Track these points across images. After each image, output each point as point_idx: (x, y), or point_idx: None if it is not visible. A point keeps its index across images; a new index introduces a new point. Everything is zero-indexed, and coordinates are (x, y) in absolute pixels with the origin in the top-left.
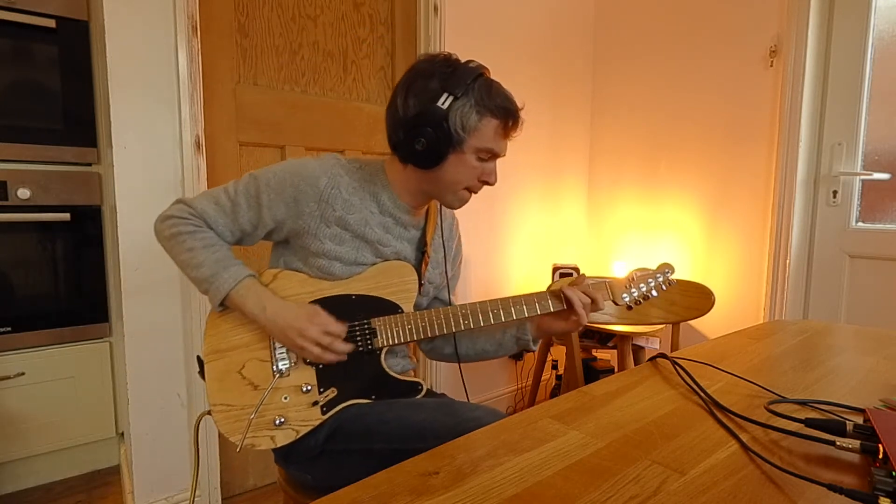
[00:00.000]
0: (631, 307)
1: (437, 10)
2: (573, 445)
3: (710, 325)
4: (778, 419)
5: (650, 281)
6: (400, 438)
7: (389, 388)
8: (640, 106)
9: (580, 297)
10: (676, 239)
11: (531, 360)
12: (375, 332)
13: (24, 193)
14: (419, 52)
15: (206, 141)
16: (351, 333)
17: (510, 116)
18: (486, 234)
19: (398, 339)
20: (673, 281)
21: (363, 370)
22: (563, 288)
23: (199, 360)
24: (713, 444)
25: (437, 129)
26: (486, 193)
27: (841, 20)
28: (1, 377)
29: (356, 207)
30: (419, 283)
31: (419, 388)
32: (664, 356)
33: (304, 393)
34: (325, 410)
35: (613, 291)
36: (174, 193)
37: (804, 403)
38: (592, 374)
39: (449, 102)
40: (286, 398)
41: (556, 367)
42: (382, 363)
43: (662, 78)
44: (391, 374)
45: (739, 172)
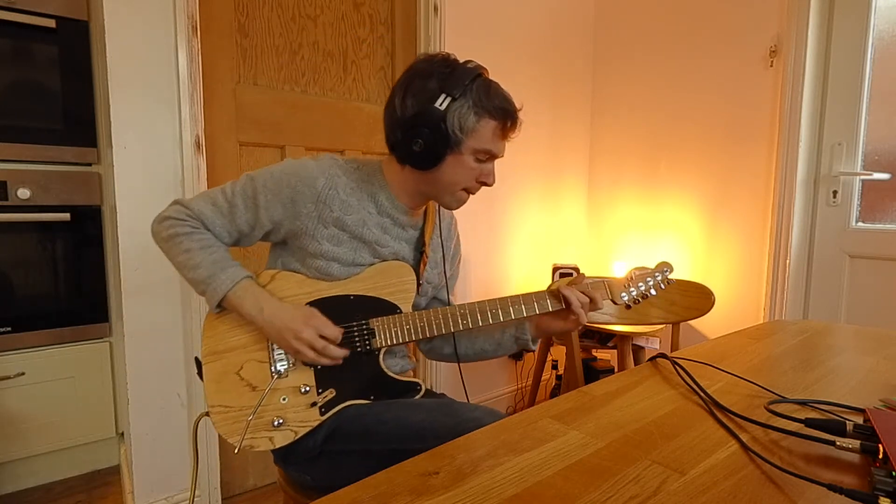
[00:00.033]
0: (629, 306)
1: (437, 10)
2: (573, 445)
3: (710, 325)
4: (778, 419)
5: (649, 280)
6: (399, 439)
7: (388, 388)
8: (640, 106)
9: (578, 296)
10: (676, 239)
11: (531, 360)
12: (374, 332)
13: (24, 193)
14: (419, 52)
15: (206, 141)
16: (349, 334)
17: (508, 117)
18: (486, 234)
19: (396, 339)
20: (671, 279)
21: (362, 371)
22: (560, 287)
23: (196, 361)
24: (713, 444)
25: (434, 130)
26: (486, 193)
27: (841, 20)
28: (1, 377)
29: (354, 208)
30: (417, 283)
31: (418, 388)
32: (664, 356)
33: (302, 394)
34: (323, 411)
35: (612, 290)
36: (174, 193)
37: (804, 403)
38: (592, 374)
39: (447, 103)
40: (284, 399)
41: (556, 367)
42: (381, 364)
43: (662, 78)
44: (390, 374)
45: (739, 172)
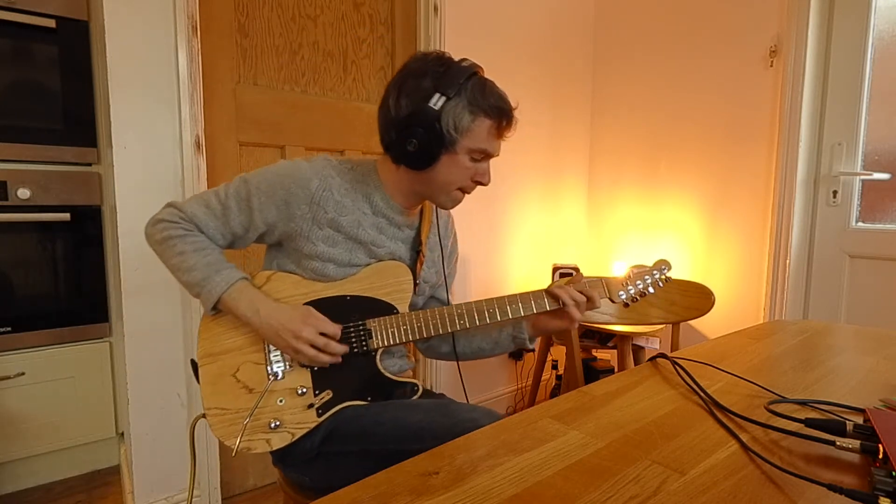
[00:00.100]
0: (628, 304)
1: (437, 10)
2: (573, 445)
3: (710, 325)
4: (778, 419)
5: (647, 278)
6: (396, 439)
7: (385, 389)
8: (640, 106)
9: (573, 294)
10: (676, 239)
11: (531, 360)
12: (370, 333)
13: (24, 193)
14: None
15: (206, 141)
16: (346, 335)
17: (504, 116)
18: (485, 234)
19: (393, 339)
20: (670, 277)
21: (359, 372)
22: (552, 287)
23: (192, 363)
24: (713, 444)
25: (429, 129)
26: (485, 193)
27: (841, 20)
28: (1, 377)
29: (348, 209)
30: (414, 282)
31: (415, 388)
32: (664, 356)
33: (299, 395)
34: (320, 413)
35: (610, 289)
36: (174, 193)
37: (804, 403)
38: (592, 374)
39: (441, 103)
40: (281, 401)
41: (556, 367)
42: (378, 364)
43: (662, 78)
44: (387, 375)
45: (739, 172)
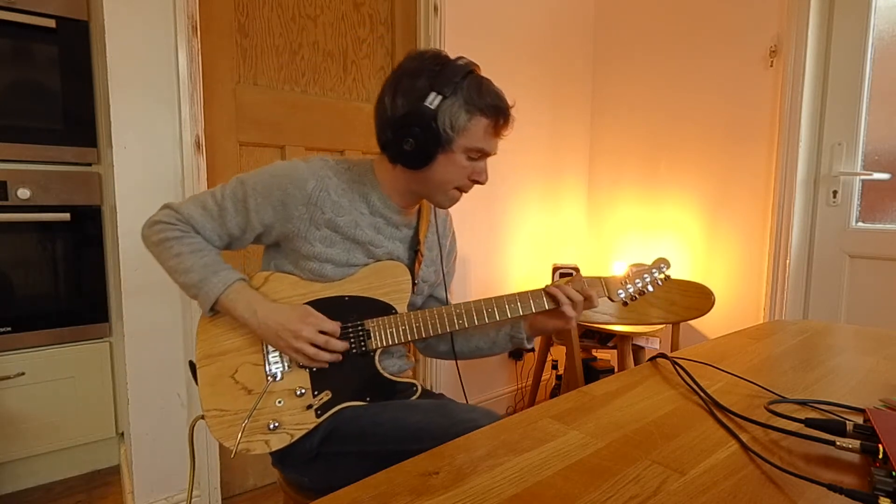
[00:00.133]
0: (627, 303)
1: (437, 10)
2: (573, 445)
3: (710, 325)
4: (778, 419)
5: (646, 276)
6: (395, 440)
7: (384, 389)
8: (640, 106)
9: (570, 293)
10: (676, 239)
11: (531, 360)
12: (369, 333)
13: (24, 193)
14: None
15: (206, 141)
16: (344, 335)
17: (501, 115)
18: (486, 234)
19: (392, 340)
20: (669, 276)
21: (357, 372)
22: (548, 286)
23: (191, 364)
24: (713, 444)
25: (425, 129)
26: (485, 194)
27: (841, 20)
28: (1, 377)
29: (345, 209)
30: (413, 282)
31: (414, 388)
32: (664, 356)
33: (297, 396)
34: (319, 413)
35: (609, 288)
36: (174, 193)
37: (804, 403)
38: (592, 374)
39: (437, 102)
40: (280, 402)
41: (556, 367)
42: (377, 365)
43: (662, 78)
44: (386, 375)
45: (739, 172)
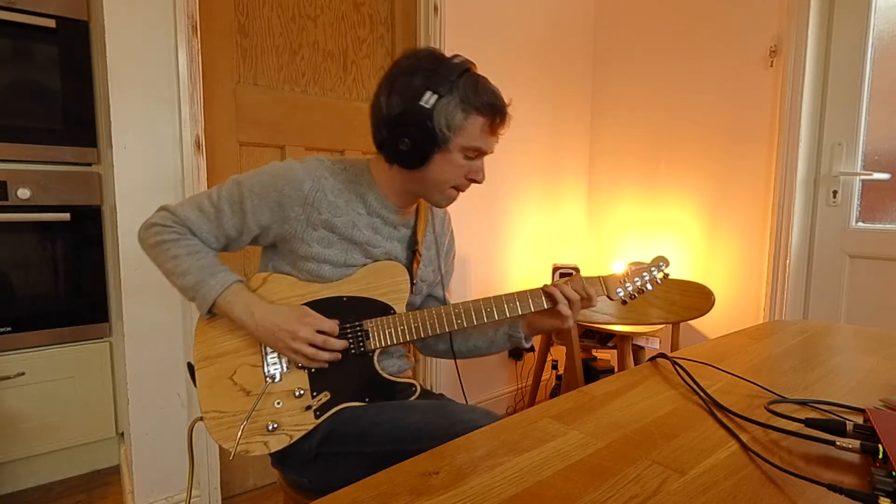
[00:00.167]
0: (626, 302)
1: (437, 10)
2: (573, 445)
3: (710, 325)
4: (778, 419)
5: (645, 275)
6: (394, 440)
7: (383, 389)
8: (640, 106)
9: (567, 293)
10: (676, 239)
11: (531, 360)
12: (368, 333)
13: (24, 193)
14: None
15: (206, 141)
16: (343, 336)
17: (497, 113)
18: (486, 234)
19: (390, 340)
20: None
21: (356, 373)
22: (546, 286)
23: (189, 366)
24: (713, 444)
25: (421, 128)
26: (485, 193)
27: (841, 20)
28: (1, 377)
29: (342, 210)
30: (411, 282)
31: (413, 389)
32: (664, 356)
33: (296, 397)
34: (318, 414)
35: (608, 287)
36: (174, 193)
37: (804, 403)
38: (592, 374)
39: (433, 101)
40: (279, 403)
41: (556, 367)
42: (376, 365)
43: (662, 78)
44: (384, 375)
45: (739, 172)
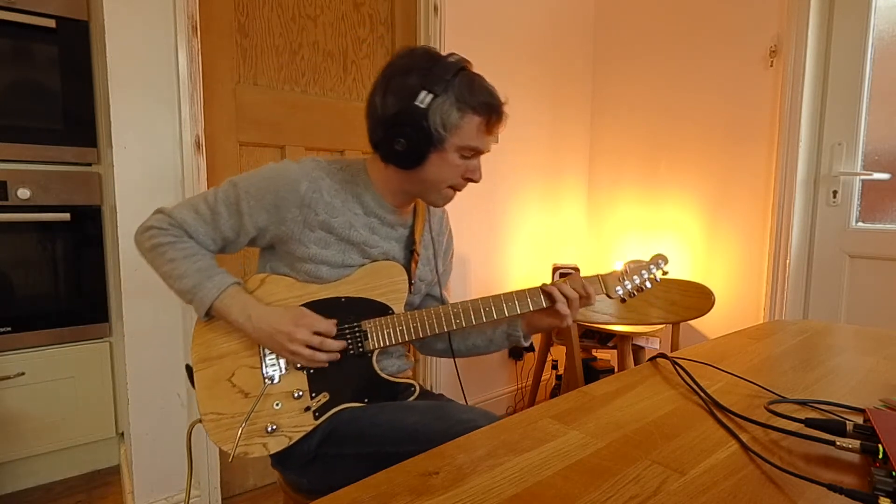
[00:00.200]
0: (625, 300)
1: (437, 10)
2: (573, 445)
3: (710, 325)
4: (778, 419)
5: (643, 273)
6: (393, 441)
7: (382, 390)
8: (640, 106)
9: (564, 291)
10: (676, 239)
11: (531, 360)
12: (366, 334)
13: (24, 193)
14: None
15: (206, 141)
16: (341, 336)
17: (493, 112)
18: (486, 234)
19: (389, 340)
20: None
21: (355, 373)
22: (544, 284)
23: (188, 368)
24: (713, 444)
25: (417, 128)
26: (485, 193)
27: (841, 20)
28: (1, 377)
29: (339, 210)
30: (409, 282)
31: (412, 389)
32: (664, 356)
33: (295, 399)
34: (317, 416)
35: (606, 285)
36: (174, 193)
37: (804, 403)
38: (592, 374)
39: (428, 100)
40: (278, 405)
41: (556, 367)
42: (374, 366)
43: (662, 78)
44: (383, 376)
45: (739, 172)
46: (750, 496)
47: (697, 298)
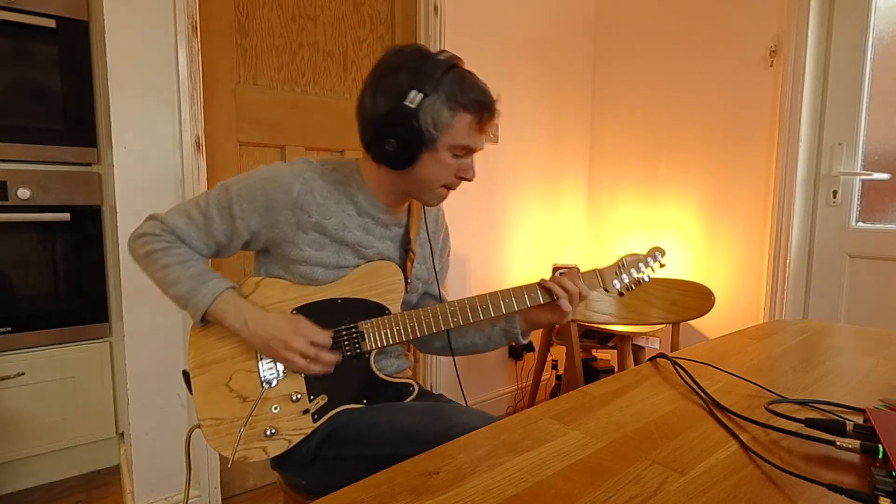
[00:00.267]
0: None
1: (437, 10)
2: (573, 445)
3: (710, 325)
4: (778, 419)
5: (641, 266)
6: (391, 443)
7: (381, 391)
8: (640, 106)
9: (567, 286)
10: (676, 239)
11: (531, 360)
12: (363, 335)
13: (24, 193)
14: None
15: (206, 141)
16: (338, 338)
17: (485, 110)
18: (486, 234)
19: (387, 340)
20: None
21: (353, 375)
22: (545, 280)
23: (184, 374)
24: (713, 444)
25: (407, 128)
26: (485, 193)
27: (841, 20)
28: (1, 377)
29: (332, 211)
30: (406, 281)
31: (411, 389)
32: (664, 356)
33: (293, 402)
34: (316, 418)
35: (604, 279)
36: (174, 193)
37: (804, 403)
38: (592, 374)
39: (419, 100)
40: (276, 408)
41: (556, 367)
42: (372, 366)
43: (662, 78)
44: (382, 377)
45: (739, 172)
46: (750, 496)
47: (697, 298)
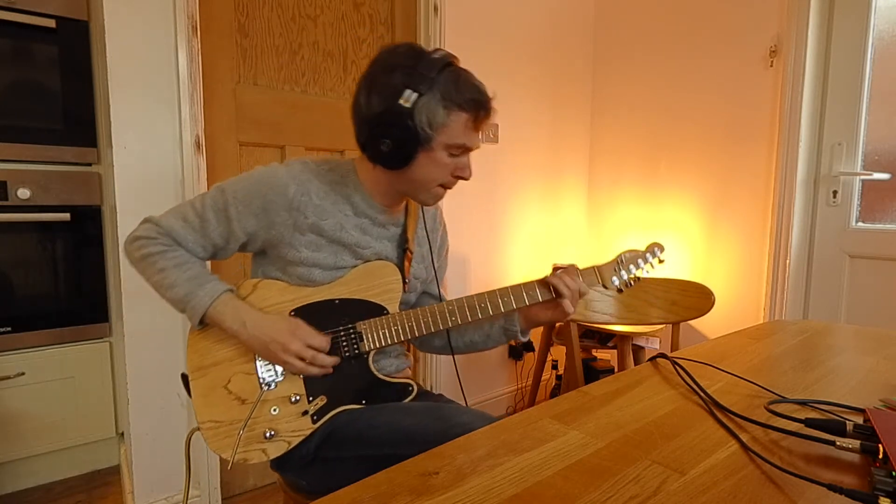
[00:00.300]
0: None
1: (437, 10)
2: (573, 445)
3: (710, 325)
4: (778, 419)
5: (640, 262)
6: (391, 443)
7: (380, 391)
8: (640, 106)
9: (568, 283)
10: (676, 239)
11: (531, 360)
12: (361, 335)
13: (24, 193)
14: None
15: (206, 141)
16: (336, 339)
17: (481, 108)
18: (486, 233)
19: (385, 341)
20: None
21: (352, 375)
22: (547, 276)
23: (183, 377)
24: (713, 444)
25: (402, 128)
26: (485, 193)
27: (841, 20)
28: (1, 377)
29: (329, 212)
30: (404, 280)
31: (410, 389)
32: (664, 356)
33: (292, 403)
34: (315, 419)
35: (603, 276)
36: (174, 193)
37: (804, 403)
38: (592, 374)
39: (413, 99)
40: (275, 410)
41: (556, 367)
42: (371, 367)
43: (662, 78)
44: (380, 377)
45: (739, 172)
46: (750, 496)
47: (697, 298)
